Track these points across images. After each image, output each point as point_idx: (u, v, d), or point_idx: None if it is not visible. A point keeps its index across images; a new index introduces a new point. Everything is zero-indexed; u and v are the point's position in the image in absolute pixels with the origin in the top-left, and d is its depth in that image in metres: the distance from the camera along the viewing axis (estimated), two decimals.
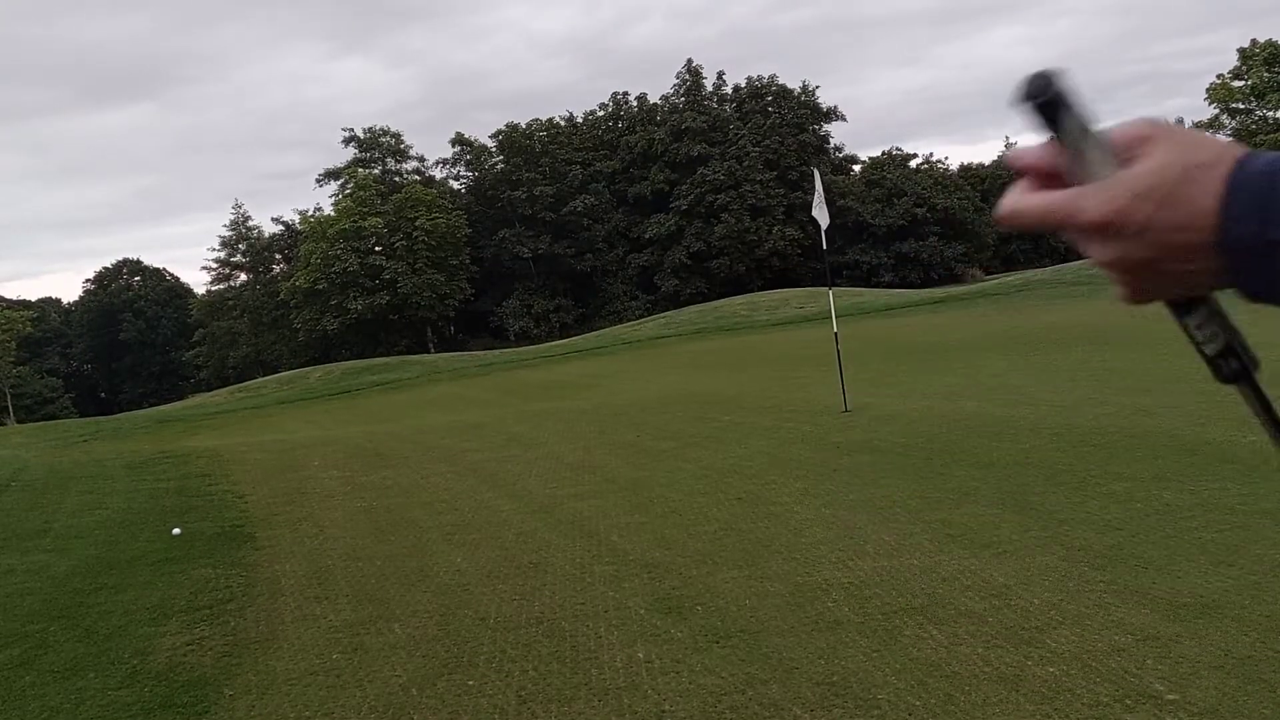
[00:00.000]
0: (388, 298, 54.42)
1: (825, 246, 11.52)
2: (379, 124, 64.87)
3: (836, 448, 8.13)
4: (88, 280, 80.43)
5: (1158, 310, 0.70)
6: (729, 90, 65.81)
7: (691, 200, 59.99)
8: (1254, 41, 55.00)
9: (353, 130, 62.01)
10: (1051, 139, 0.66)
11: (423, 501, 7.92)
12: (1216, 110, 56.69)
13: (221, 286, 65.69)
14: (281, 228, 65.13)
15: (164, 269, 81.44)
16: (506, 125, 62.22)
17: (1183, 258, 0.64)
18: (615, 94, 67.64)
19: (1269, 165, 0.61)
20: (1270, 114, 55.09)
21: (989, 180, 72.44)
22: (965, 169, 73.51)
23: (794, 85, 64.43)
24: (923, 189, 63.38)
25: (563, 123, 66.19)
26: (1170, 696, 3.08)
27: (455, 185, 64.93)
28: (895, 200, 62.90)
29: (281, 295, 57.47)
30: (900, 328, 22.35)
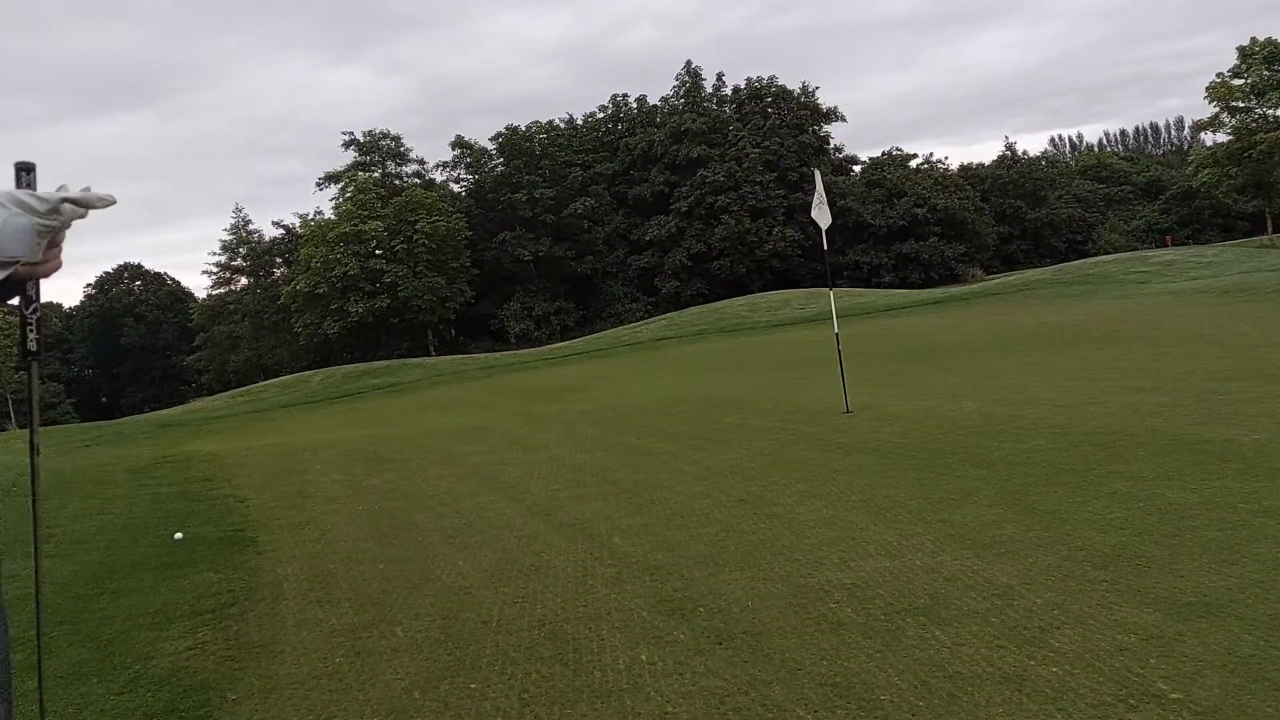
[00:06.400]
0: (388, 301, 54.38)
1: (826, 247, 11.53)
2: (378, 127, 64.91)
3: (838, 448, 8.12)
4: (89, 285, 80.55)
5: (1158, 310, 0.70)
6: (728, 92, 65.83)
7: (691, 202, 59.99)
8: (1254, 40, 55.08)
9: (353, 134, 62.07)
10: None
11: (424, 504, 7.92)
12: (1217, 109, 56.75)
13: (222, 291, 65.78)
14: (282, 231, 65.19)
15: (165, 273, 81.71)
16: (506, 128, 62.26)
17: None
18: (615, 96, 67.79)
19: None
20: (1270, 112, 55.13)
21: (989, 180, 72.48)
22: (965, 169, 73.54)
23: (793, 86, 64.45)
24: (923, 189, 63.35)
25: (562, 125, 66.22)
26: (1174, 696, 3.07)
27: (455, 188, 64.95)
28: (895, 200, 62.90)
29: (282, 299, 57.44)
30: (901, 328, 22.35)
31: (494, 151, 62.70)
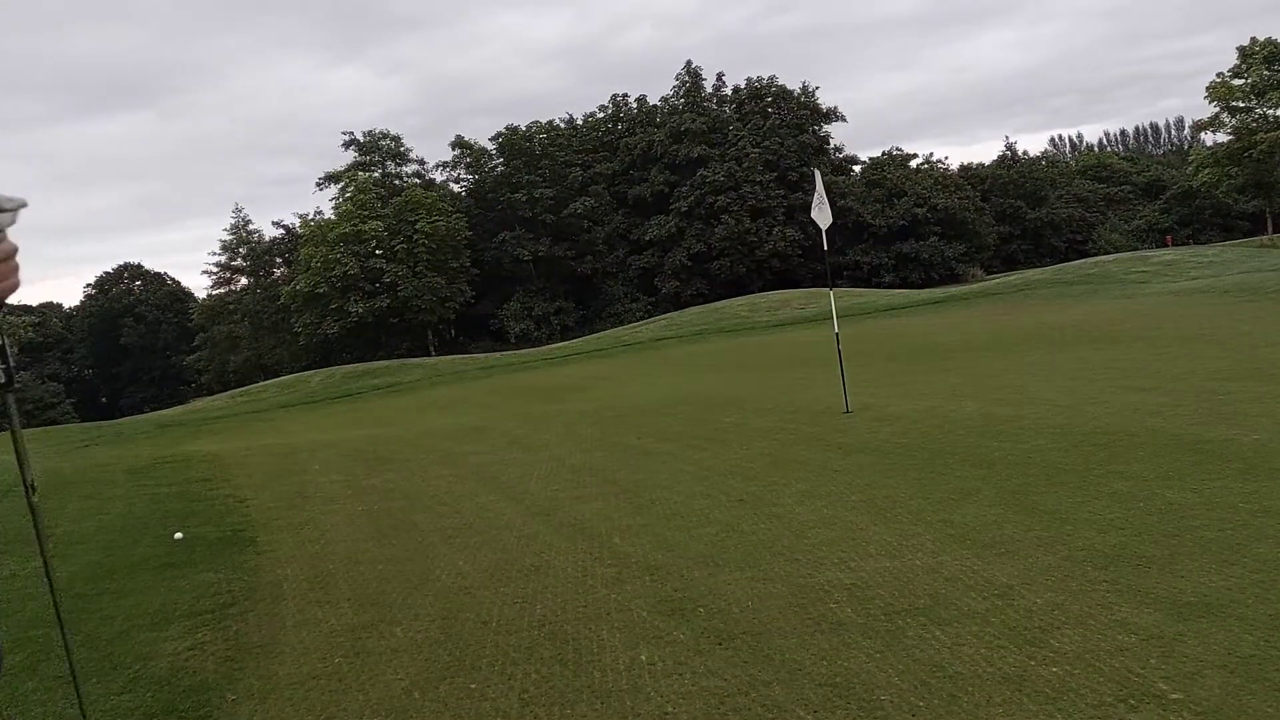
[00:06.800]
0: (388, 301, 54.37)
1: (826, 247, 11.52)
2: (378, 127, 64.88)
3: (838, 448, 8.12)
4: (89, 285, 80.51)
5: (1158, 310, 0.70)
6: (728, 91, 65.81)
7: (691, 202, 59.99)
8: (1254, 40, 55.08)
9: (353, 134, 62.03)
10: None
11: (424, 505, 7.92)
12: (1217, 109, 56.74)
13: (222, 291, 65.71)
14: (282, 231, 65.17)
15: (165, 273, 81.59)
16: (506, 128, 62.25)
17: None
18: (615, 96, 67.78)
19: None
20: (1270, 112, 55.13)
21: (989, 180, 72.47)
22: (965, 169, 73.53)
23: (793, 86, 64.43)
24: (923, 189, 63.34)
25: (562, 125, 66.21)
26: (1174, 696, 3.07)
27: (455, 188, 64.92)
28: (895, 200, 62.90)
29: (282, 299, 57.41)
30: (901, 328, 22.35)
31: (494, 151, 62.68)
